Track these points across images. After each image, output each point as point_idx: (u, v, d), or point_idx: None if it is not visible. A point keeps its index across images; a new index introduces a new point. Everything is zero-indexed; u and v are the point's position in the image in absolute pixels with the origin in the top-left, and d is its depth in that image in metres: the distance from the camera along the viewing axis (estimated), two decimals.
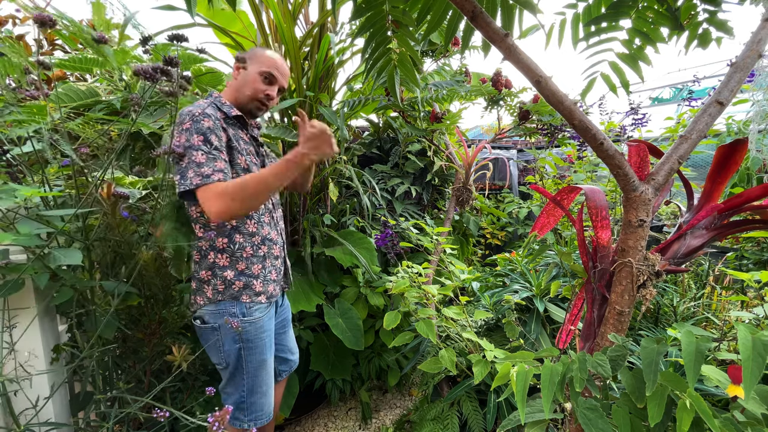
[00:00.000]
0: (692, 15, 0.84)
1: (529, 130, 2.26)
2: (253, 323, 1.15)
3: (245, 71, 1.19)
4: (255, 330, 1.15)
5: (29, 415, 0.98)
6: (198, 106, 1.07)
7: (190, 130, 1.03)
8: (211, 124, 1.05)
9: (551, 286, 1.33)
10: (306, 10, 1.90)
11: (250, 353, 1.15)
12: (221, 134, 1.07)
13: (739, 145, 0.82)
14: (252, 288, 1.15)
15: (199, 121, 1.04)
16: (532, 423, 0.84)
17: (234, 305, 1.13)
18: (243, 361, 1.15)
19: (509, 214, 2.95)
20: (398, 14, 0.85)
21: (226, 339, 1.12)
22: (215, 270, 1.12)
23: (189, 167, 1.01)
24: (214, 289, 1.12)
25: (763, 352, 0.59)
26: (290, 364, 1.45)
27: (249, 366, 1.16)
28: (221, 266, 1.12)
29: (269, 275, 1.21)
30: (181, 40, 1.00)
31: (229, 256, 1.13)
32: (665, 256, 0.85)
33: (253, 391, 1.18)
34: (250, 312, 1.14)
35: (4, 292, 0.87)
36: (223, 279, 1.12)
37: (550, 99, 0.77)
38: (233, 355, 1.13)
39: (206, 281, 1.12)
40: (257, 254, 1.18)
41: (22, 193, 0.84)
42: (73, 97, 1.46)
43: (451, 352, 1.26)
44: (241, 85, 1.18)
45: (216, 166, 1.02)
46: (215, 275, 1.12)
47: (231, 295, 1.13)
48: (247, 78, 1.18)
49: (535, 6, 0.78)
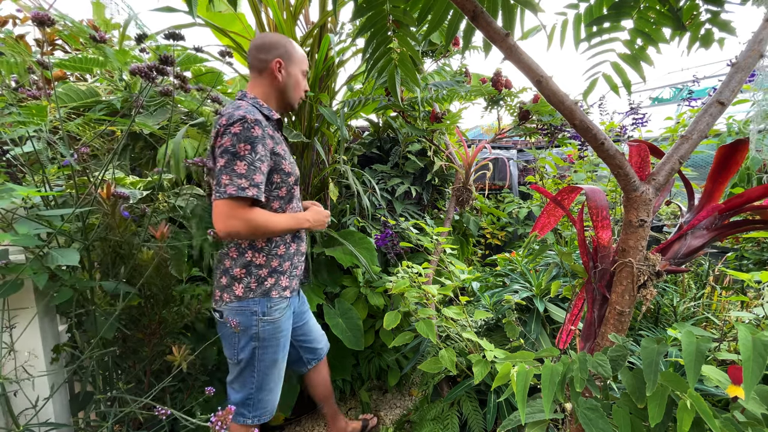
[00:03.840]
0: (694, 15, 0.84)
1: (529, 130, 2.25)
2: (272, 323, 1.17)
3: (288, 73, 1.18)
4: (272, 329, 1.17)
5: (29, 415, 0.98)
6: (249, 110, 1.05)
7: (238, 136, 1.00)
8: (261, 133, 1.04)
9: (551, 286, 1.33)
10: (306, 10, 1.90)
11: (264, 352, 1.17)
12: (267, 143, 1.07)
13: (740, 145, 0.81)
14: (280, 284, 1.19)
15: (249, 128, 1.01)
16: (532, 423, 0.84)
17: (257, 303, 1.14)
18: (256, 359, 1.16)
19: (509, 214, 2.95)
20: (399, 14, 0.85)
21: (243, 336, 1.14)
22: (250, 268, 1.14)
23: (226, 173, 1.00)
24: (246, 287, 1.14)
25: (763, 352, 0.59)
26: (318, 353, 1.49)
27: (261, 364, 1.17)
28: (257, 264, 1.15)
29: (295, 271, 1.25)
30: (177, 39, 1.00)
31: (265, 255, 1.16)
32: (666, 256, 0.85)
33: (261, 389, 1.19)
34: (270, 312, 1.16)
35: (3, 292, 0.87)
36: (257, 277, 1.15)
37: (550, 99, 0.77)
38: (247, 352, 1.15)
39: (239, 279, 1.13)
40: (288, 252, 1.21)
41: (19, 193, 0.84)
42: (73, 97, 1.46)
43: (451, 352, 1.26)
44: (290, 87, 1.20)
45: (254, 179, 1.02)
46: (249, 273, 1.14)
47: (262, 292, 1.15)
48: (296, 80, 1.20)
49: (537, 6, 0.78)
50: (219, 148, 1.01)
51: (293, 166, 1.19)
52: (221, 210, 1.00)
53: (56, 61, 1.47)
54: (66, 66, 1.51)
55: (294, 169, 1.18)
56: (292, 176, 1.17)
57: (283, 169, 1.13)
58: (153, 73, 0.94)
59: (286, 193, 1.17)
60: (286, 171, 1.14)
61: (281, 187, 1.15)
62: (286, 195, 1.17)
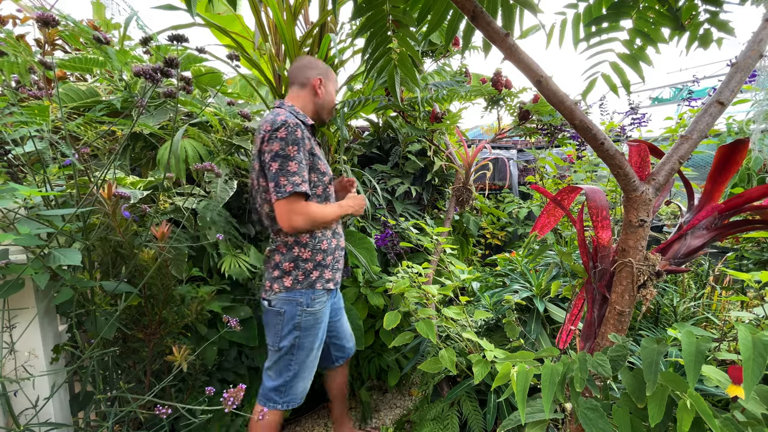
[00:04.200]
0: (693, 15, 0.84)
1: (529, 130, 2.25)
2: (313, 314, 1.28)
3: (326, 90, 1.36)
4: (313, 320, 1.28)
5: (29, 415, 0.98)
6: (288, 115, 1.18)
7: (285, 140, 1.13)
8: (302, 134, 1.17)
9: (551, 286, 1.33)
10: (306, 10, 1.90)
11: (305, 341, 1.28)
12: (306, 143, 1.20)
13: (740, 145, 0.81)
14: (324, 277, 1.30)
15: (293, 131, 1.14)
16: (532, 423, 0.84)
17: (302, 295, 1.26)
18: (296, 347, 1.27)
19: (509, 214, 2.95)
20: (399, 14, 0.85)
21: (286, 325, 1.25)
22: (298, 262, 1.26)
23: (282, 175, 1.13)
24: (294, 279, 1.26)
25: (763, 352, 0.59)
26: (347, 351, 1.57)
27: (300, 352, 1.28)
28: (304, 259, 1.27)
29: (337, 264, 1.38)
30: (181, 41, 1.00)
31: (310, 249, 1.27)
32: (666, 256, 0.85)
33: (297, 377, 1.29)
34: (312, 303, 1.28)
35: (4, 292, 0.87)
36: (304, 270, 1.27)
37: (550, 99, 0.77)
38: (289, 340, 1.25)
39: (288, 272, 1.26)
40: (330, 246, 1.33)
41: (20, 192, 0.84)
42: (73, 97, 1.46)
43: (451, 352, 1.26)
44: (327, 102, 1.37)
45: (304, 176, 1.16)
46: (297, 267, 1.26)
47: (308, 283, 1.27)
48: (330, 97, 1.38)
49: (536, 6, 0.78)
50: (269, 153, 1.14)
51: (327, 166, 1.31)
52: (284, 208, 1.15)
53: (57, 61, 1.47)
54: (66, 66, 1.51)
55: (328, 170, 1.31)
56: (326, 176, 1.30)
57: (319, 168, 1.26)
58: (157, 74, 0.94)
59: (323, 192, 1.30)
60: (321, 170, 1.27)
61: (318, 185, 1.28)
62: (322, 193, 1.30)
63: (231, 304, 1.51)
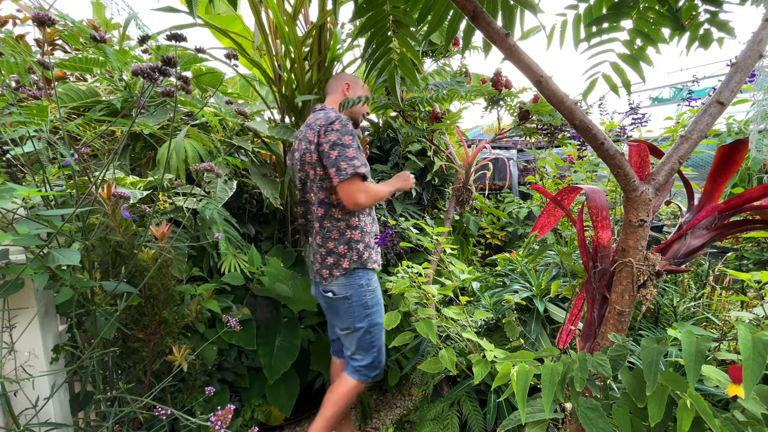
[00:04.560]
0: (693, 15, 0.84)
1: (529, 130, 2.25)
2: (372, 291, 1.43)
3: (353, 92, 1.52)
4: (375, 297, 1.44)
5: (29, 415, 0.98)
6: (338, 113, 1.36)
7: (340, 131, 1.29)
8: (351, 127, 1.33)
9: (551, 286, 1.33)
10: (306, 10, 1.90)
11: (375, 317, 1.43)
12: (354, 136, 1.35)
13: (740, 145, 0.81)
14: (372, 257, 1.44)
15: (345, 124, 1.31)
16: (532, 423, 0.84)
17: (362, 275, 1.40)
18: (372, 325, 1.41)
19: (509, 214, 2.95)
20: (399, 14, 0.85)
21: (356, 306, 1.39)
22: (351, 244, 1.39)
23: (341, 160, 1.27)
24: (350, 260, 1.39)
25: (763, 351, 0.59)
26: None
27: (375, 329, 1.43)
28: (355, 240, 1.40)
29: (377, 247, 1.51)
30: (180, 40, 1.00)
31: (360, 231, 1.41)
32: (665, 256, 0.85)
33: (380, 350, 1.46)
34: (369, 282, 1.42)
35: (4, 292, 0.87)
36: (357, 251, 1.40)
37: (550, 99, 0.77)
38: (363, 320, 1.40)
39: (343, 254, 1.39)
40: (373, 230, 1.49)
41: (19, 192, 0.84)
42: (73, 97, 1.46)
43: (451, 352, 1.26)
44: (359, 109, 1.55)
45: (362, 159, 1.31)
46: (351, 248, 1.39)
47: (362, 263, 1.40)
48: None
49: (536, 6, 0.78)
50: (327, 143, 1.28)
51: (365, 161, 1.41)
52: (347, 188, 1.28)
53: (56, 61, 1.47)
54: (66, 66, 1.51)
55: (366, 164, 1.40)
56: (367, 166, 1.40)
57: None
58: (155, 74, 0.94)
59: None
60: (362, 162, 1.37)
61: None
62: None
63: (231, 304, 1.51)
